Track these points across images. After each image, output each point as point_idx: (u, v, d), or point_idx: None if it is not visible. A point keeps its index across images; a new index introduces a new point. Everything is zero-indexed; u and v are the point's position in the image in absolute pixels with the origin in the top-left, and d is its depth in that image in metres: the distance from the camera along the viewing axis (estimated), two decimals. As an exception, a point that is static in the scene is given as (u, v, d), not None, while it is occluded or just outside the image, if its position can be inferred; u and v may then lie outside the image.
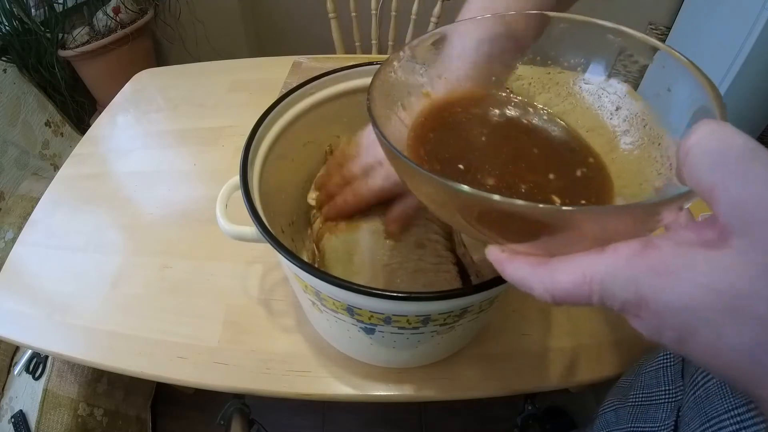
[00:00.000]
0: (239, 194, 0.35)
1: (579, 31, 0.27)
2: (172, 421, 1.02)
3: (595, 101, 0.29)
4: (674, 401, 0.34)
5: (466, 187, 0.17)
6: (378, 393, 0.44)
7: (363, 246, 0.40)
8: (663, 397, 0.35)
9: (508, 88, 0.31)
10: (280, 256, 0.31)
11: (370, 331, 0.36)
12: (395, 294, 0.29)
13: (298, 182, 0.48)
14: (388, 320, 0.33)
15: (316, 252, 0.43)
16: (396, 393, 0.44)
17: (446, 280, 0.40)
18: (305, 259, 0.34)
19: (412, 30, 1.11)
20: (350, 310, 0.33)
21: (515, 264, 0.20)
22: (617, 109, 0.28)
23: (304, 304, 0.41)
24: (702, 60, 1.37)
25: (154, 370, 0.46)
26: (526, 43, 0.29)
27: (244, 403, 0.72)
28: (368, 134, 0.40)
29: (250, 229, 0.35)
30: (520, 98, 0.31)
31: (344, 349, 0.45)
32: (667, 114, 0.25)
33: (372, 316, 0.33)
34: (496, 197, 0.17)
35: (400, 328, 0.34)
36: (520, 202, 0.16)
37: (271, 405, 1.03)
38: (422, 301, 0.30)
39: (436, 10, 1.07)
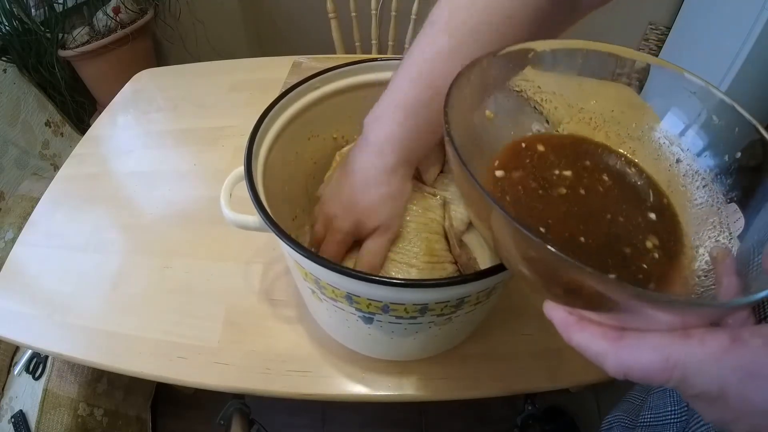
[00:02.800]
0: (243, 190, 0.35)
1: (668, 79, 0.26)
2: (172, 421, 1.02)
3: (656, 149, 0.28)
4: (679, 422, 0.34)
5: (571, 260, 0.16)
6: (378, 393, 0.44)
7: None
8: (669, 417, 0.35)
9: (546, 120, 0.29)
10: (281, 244, 0.32)
11: (368, 320, 0.36)
12: (393, 281, 0.30)
13: (301, 176, 0.48)
14: (386, 309, 0.33)
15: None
16: (396, 393, 0.44)
17: (442, 275, 0.40)
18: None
19: (412, 30, 1.11)
20: (349, 298, 0.33)
21: (586, 334, 0.19)
22: (677, 161, 0.27)
23: (305, 293, 0.42)
24: (702, 60, 1.37)
25: (154, 370, 0.46)
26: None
27: (244, 403, 0.72)
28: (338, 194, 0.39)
29: (253, 217, 0.36)
30: (596, 141, 0.29)
31: (343, 340, 0.45)
32: (731, 179, 0.24)
33: (370, 304, 0.33)
34: (594, 272, 0.16)
35: (397, 317, 0.34)
36: (629, 287, 0.15)
37: (271, 405, 1.03)
38: (419, 288, 0.30)
39: (436, 10, 1.07)
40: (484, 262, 0.44)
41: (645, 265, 0.23)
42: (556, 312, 0.21)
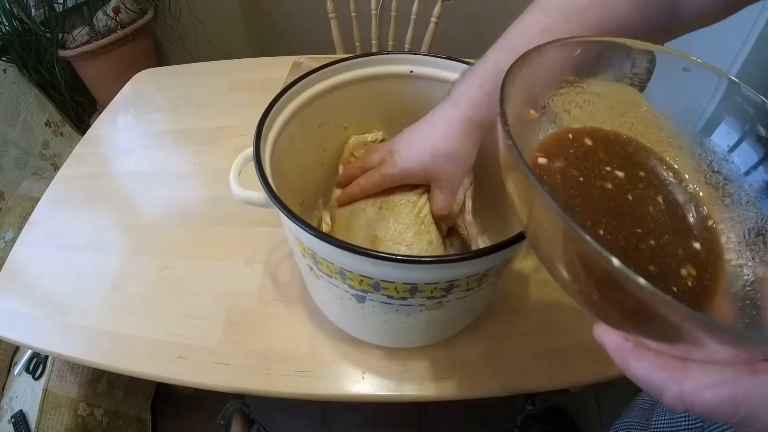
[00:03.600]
0: (252, 176, 0.36)
1: (716, 87, 0.25)
2: (172, 421, 1.02)
3: (698, 160, 0.26)
4: (694, 427, 0.34)
5: (645, 282, 0.14)
6: (378, 393, 0.44)
7: (363, 217, 0.42)
8: (683, 423, 0.35)
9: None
10: (283, 220, 0.33)
11: (361, 298, 0.37)
12: (379, 254, 0.30)
13: (311, 162, 0.49)
14: (377, 286, 0.34)
15: (328, 221, 0.46)
16: (396, 393, 0.44)
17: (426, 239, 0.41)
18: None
19: (412, 30, 1.11)
20: (342, 274, 0.34)
21: (646, 363, 0.18)
22: (719, 173, 0.25)
23: (303, 270, 0.43)
24: (702, 60, 1.37)
25: (154, 370, 0.46)
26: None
27: (244, 403, 0.72)
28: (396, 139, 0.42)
29: (258, 194, 0.37)
30: (645, 145, 0.28)
31: (339, 322, 0.46)
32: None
33: (362, 280, 0.34)
34: (675, 301, 0.14)
35: (388, 297, 0.35)
36: (702, 315, 0.14)
37: (271, 405, 1.03)
38: (404, 263, 0.31)
39: (436, 10, 1.07)
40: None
41: (675, 288, 0.22)
42: (609, 337, 0.19)
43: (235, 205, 0.40)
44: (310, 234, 0.31)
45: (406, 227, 0.41)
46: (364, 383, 0.44)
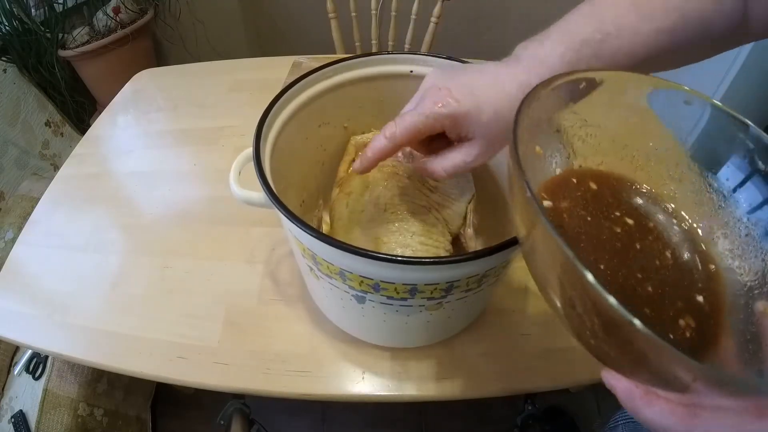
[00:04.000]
0: (252, 176, 0.36)
1: (726, 127, 0.24)
2: (172, 421, 1.02)
3: (697, 193, 0.26)
4: None
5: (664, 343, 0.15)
6: (378, 393, 0.44)
7: (364, 218, 0.42)
8: None
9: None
10: (283, 220, 0.33)
11: (361, 299, 0.37)
12: (378, 255, 0.30)
13: (311, 162, 0.49)
14: (377, 287, 0.34)
15: (327, 220, 0.46)
16: (396, 393, 0.44)
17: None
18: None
19: (412, 30, 1.11)
20: (342, 275, 0.34)
21: (656, 409, 0.18)
22: (720, 207, 0.26)
23: (304, 270, 0.43)
24: (701, 61, 1.37)
25: (154, 370, 0.46)
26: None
27: (244, 403, 0.72)
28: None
29: (258, 194, 0.37)
30: (646, 188, 0.28)
31: (339, 322, 0.46)
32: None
33: (362, 281, 0.34)
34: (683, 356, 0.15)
35: (388, 297, 0.35)
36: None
37: (271, 405, 1.03)
38: (404, 264, 0.31)
39: (436, 10, 1.07)
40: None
41: (671, 336, 0.22)
42: (619, 383, 0.20)
43: (235, 205, 0.40)
44: (310, 235, 0.31)
45: (411, 235, 0.40)
46: (364, 383, 0.44)
